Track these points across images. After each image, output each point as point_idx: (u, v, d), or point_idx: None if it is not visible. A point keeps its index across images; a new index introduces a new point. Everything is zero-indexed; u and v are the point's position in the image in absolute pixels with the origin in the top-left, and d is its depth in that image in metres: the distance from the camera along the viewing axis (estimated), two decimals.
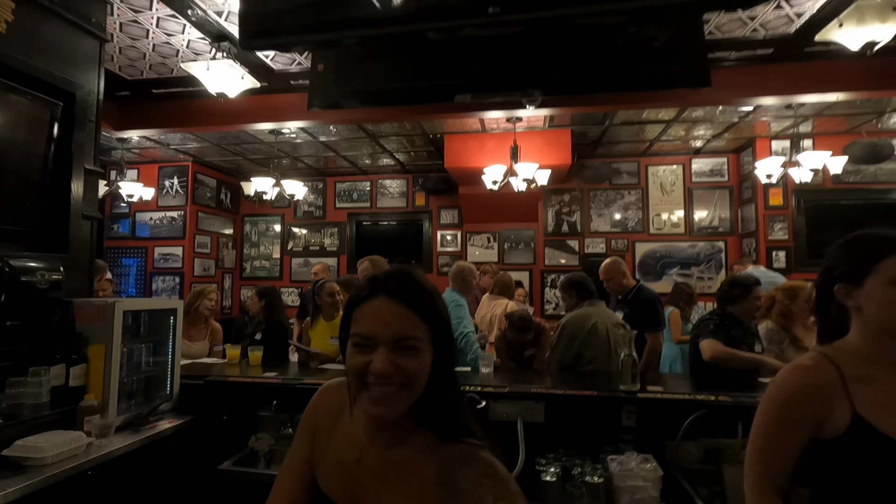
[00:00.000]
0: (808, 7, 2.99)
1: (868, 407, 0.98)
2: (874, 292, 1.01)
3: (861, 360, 1.03)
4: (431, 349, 0.80)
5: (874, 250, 1.04)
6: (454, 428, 0.82)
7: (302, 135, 5.55)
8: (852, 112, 4.88)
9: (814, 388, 1.03)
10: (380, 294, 0.81)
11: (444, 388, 0.83)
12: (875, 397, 0.98)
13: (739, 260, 5.61)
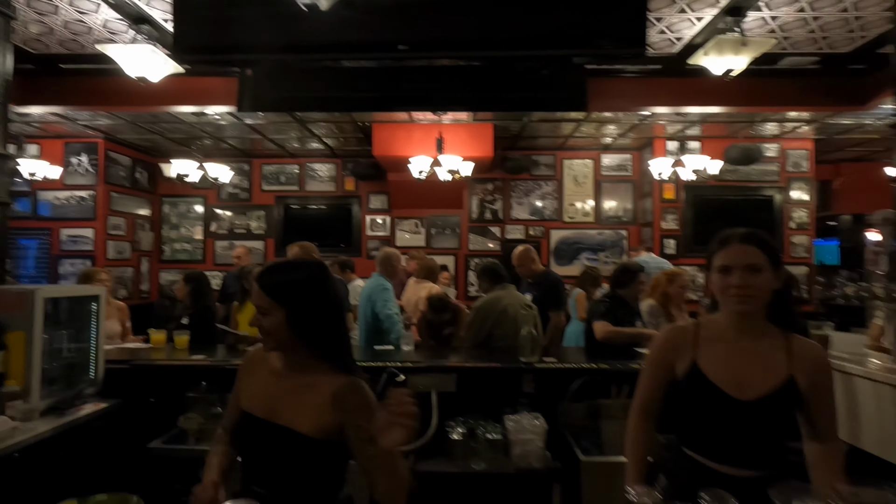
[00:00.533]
0: (685, 34, 3.49)
1: (706, 360, 1.33)
2: (712, 278, 1.34)
3: (717, 327, 1.38)
4: (282, 313, 1.21)
5: (713, 246, 1.36)
6: (342, 365, 1.26)
7: (227, 117, 5.46)
8: (730, 120, 5.63)
9: (673, 341, 1.42)
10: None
11: (324, 337, 1.26)
12: (714, 353, 1.33)
13: (635, 247, 6.31)
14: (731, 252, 1.29)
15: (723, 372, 1.31)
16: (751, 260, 1.27)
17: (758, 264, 1.26)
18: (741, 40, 2.95)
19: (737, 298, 1.27)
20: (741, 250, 1.29)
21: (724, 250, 1.31)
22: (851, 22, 3.44)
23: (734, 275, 1.27)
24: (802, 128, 5.89)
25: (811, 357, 1.31)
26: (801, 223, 6.47)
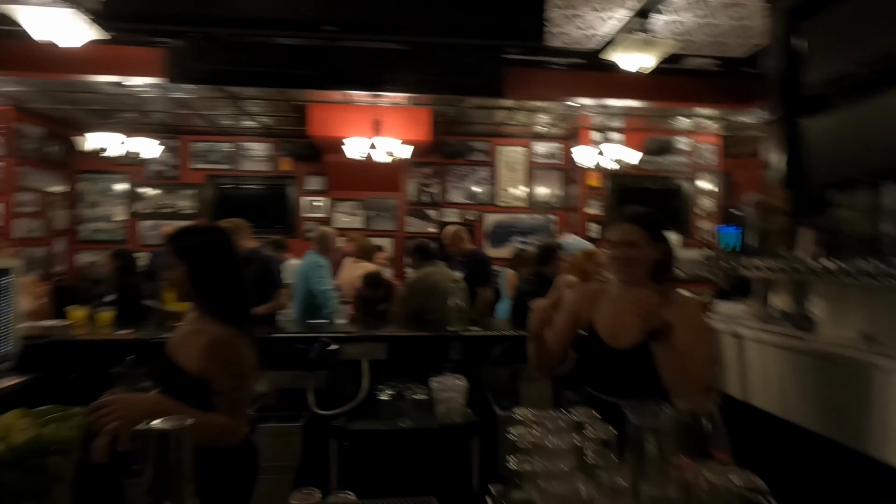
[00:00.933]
0: (599, 31, 3.80)
1: (598, 316, 1.62)
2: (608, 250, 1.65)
3: (612, 289, 1.66)
4: (185, 269, 1.46)
5: (606, 223, 1.74)
6: (230, 319, 1.47)
7: (151, 90, 5.21)
8: (649, 114, 6.12)
9: (580, 296, 1.72)
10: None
11: (217, 293, 1.49)
12: (605, 310, 1.61)
13: (561, 230, 6.73)
14: (617, 230, 1.58)
15: (607, 325, 1.59)
16: (631, 237, 1.54)
17: (638, 241, 1.53)
18: (648, 40, 3.28)
19: (618, 268, 1.56)
20: (624, 229, 1.57)
21: (612, 228, 1.61)
22: (745, 30, 3.89)
23: (618, 249, 1.55)
24: (710, 125, 6.50)
25: (681, 304, 1.59)
26: (707, 210, 7.16)
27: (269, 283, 3.49)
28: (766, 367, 2.37)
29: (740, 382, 2.53)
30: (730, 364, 2.63)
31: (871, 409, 1.78)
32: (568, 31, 3.78)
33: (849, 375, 1.89)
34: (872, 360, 1.79)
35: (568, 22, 3.52)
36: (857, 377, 1.85)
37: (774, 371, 2.31)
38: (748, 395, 2.48)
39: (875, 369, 1.77)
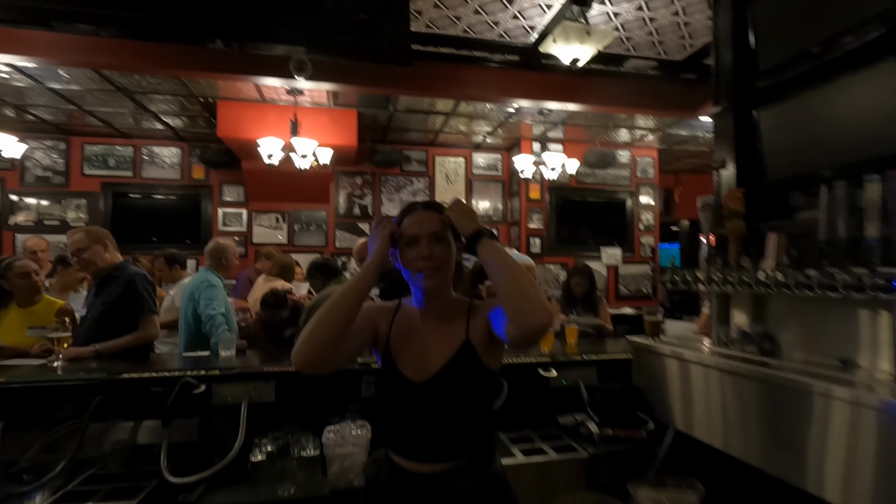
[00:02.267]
0: (538, 22, 3.46)
1: (395, 344, 1.27)
2: (403, 254, 1.25)
3: (410, 308, 1.32)
4: None
5: (399, 219, 1.29)
6: None
7: (19, 76, 4.39)
8: (589, 124, 5.90)
9: (372, 322, 1.30)
10: None
11: None
12: (403, 336, 1.28)
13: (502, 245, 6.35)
14: (417, 219, 1.24)
15: (408, 354, 1.25)
16: (435, 228, 1.23)
17: (442, 233, 1.23)
18: (586, 29, 2.95)
19: (425, 271, 1.21)
20: (426, 217, 1.24)
21: (409, 217, 1.26)
22: (682, 28, 3.67)
23: (421, 244, 1.21)
24: (648, 137, 6.38)
25: (485, 308, 1.27)
26: (648, 225, 7.03)
27: (133, 308, 2.79)
28: (719, 398, 1.97)
29: (684, 413, 2.13)
30: (675, 392, 2.22)
31: (842, 451, 1.40)
32: (503, 20, 3.39)
33: (819, 409, 1.50)
34: (847, 393, 1.41)
35: (503, 9, 3.13)
36: (828, 411, 1.47)
37: (730, 402, 1.92)
38: (692, 427, 2.08)
39: (853, 404, 1.38)
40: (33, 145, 6.13)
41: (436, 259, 1.19)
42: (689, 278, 2.26)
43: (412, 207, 1.26)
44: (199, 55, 3.82)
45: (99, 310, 2.84)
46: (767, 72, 2.17)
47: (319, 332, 1.14)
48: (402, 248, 1.22)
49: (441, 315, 1.27)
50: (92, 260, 2.86)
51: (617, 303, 6.57)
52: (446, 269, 1.23)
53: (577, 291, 3.81)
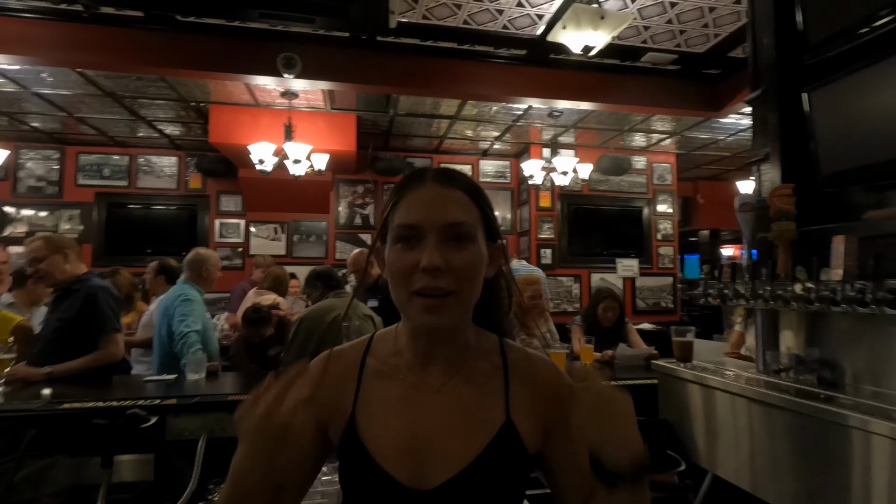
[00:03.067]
0: (546, 10, 3.16)
1: (366, 416, 0.73)
2: (387, 255, 0.72)
3: (390, 350, 0.78)
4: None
5: (392, 195, 0.75)
6: None
7: (2, 80, 4.19)
8: (602, 127, 5.56)
9: (322, 380, 0.74)
10: None
11: None
12: (381, 404, 0.73)
13: (509, 255, 6.00)
14: (423, 197, 0.70)
15: (392, 440, 0.71)
16: (455, 216, 0.69)
17: (467, 227, 0.69)
18: (599, 12, 2.63)
19: (428, 296, 0.67)
20: (440, 196, 0.70)
21: (410, 193, 0.71)
22: (707, 14, 3.33)
23: (426, 244, 0.67)
24: (665, 141, 6.02)
25: (543, 378, 0.76)
26: (667, 235, 6.63)
27: (92, 325, 2.50)
28: (768, 439, 1.59)
29: (722, 455, 1.75)
30: (714, 429, 1.85)
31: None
32: (506, 6, 3.09)
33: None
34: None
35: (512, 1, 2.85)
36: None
37: (782, 440, 1.54)
38: (733, 473, 1.70)
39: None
40: (27, 155, 5.97)
41: (452, 274, 0.66)
42: (728, 292, 1.89)
43: (418, 176, 0.73)
44: (184, 51, 3.58)
45: (53, 326, 2.56)
46: (819, 45, 1.82)
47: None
48: (390, 245, 0.70)
49: (453, 369, 0.74)
50: (49, 271, 2.58)
51: (634, 317, 6.15)
52: (468, 292, 0.69)
53: (607, 319, 3.26)
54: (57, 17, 3.38)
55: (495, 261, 0.74)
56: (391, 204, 0.72)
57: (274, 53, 3.55)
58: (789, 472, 1.51)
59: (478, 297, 0.71)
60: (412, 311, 0.68)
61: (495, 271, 0.75)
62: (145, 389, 2.31)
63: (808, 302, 1.55)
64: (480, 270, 0.70)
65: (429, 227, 0.67)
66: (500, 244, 0.75)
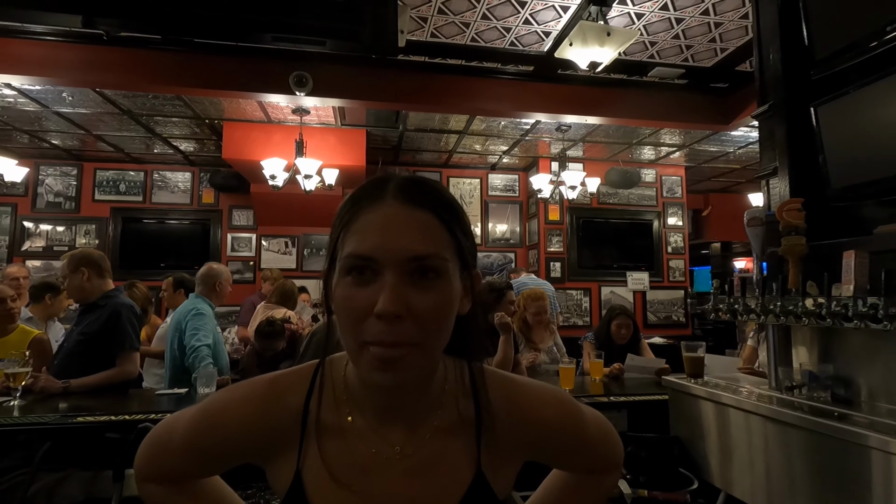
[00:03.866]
0: (552, 27, 3.20)
1: (314, 469, 0.61)
2: (334, 290, 0.58)
3: (340, 395, 0.64)
4: None
5: (343, 212, 0.60)
6: None
7: (24, 100, 4.32)
8: (610, 141, 5.58)
9: (258, 428, 0.64)
10: None
11: None
12: (332, 456, 0.62)
13: (516, 269, 5.99)
14: (382, 218, 0.56)
15: (344, 499, 0.61)
16: (422, 246, 0.55)
17: (436, 258, 0.55)
18: (605, 29, 2.66)
19: (383, 351, 0.53)
20: (403, 218, 0.56)
21: (366, 210, 0.57)
22: (713, 29, 3.35)
23: (383, 281, 0.54)
24: (674, 154, 6.02)
25: (525, 421, 0.66)
26: (677, 248, 6.58)
27: (113, 342, 2.54)
28: (784, 459, 1.57)
29: (736, 473, 1.72)
30: (727, 447, 1.82)
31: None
32: (517, 29, 3.14)
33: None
34: None
35: (514, 13, 2.89)
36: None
37: (796, 459, 1.52)
38: (747, 493, 1.67)
39: None
40: (47, 171, 6.13)
41: (414, 321, 0.53)
42: (738, 307, 1.88)
43: (377, 189, 0.58)
44: (199, 71, 3.68)
45: (75, 340, 2.61)
46: (827, 60, 1.83)
47: None
48: (339, 276, 0.56)
49: (416, 424, 0.63)
50: (70, 288, 2.66)
51: (646, 331, 6.08)
52: (434, 342, 0.56)
53: (620, 337, 3.17)
54: (79, 40, 3.49)
55: (470, 293, 0.61)
56: (344, 221, 0.57)
57: (286, 72, 3.63)
58: (806, 492, 1.49)
59: (447, 341, 0.58)
60: (362, 364, 0.55)
61: (470, 304, 0.61)
62: (157, 403, 2.33)
63: (820, 317, 1.53)
64: (451, 312, 0.57)
65: (386, 259, 0.53)
66: (476, 272, 0.62)
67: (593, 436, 0.72)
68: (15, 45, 3.45)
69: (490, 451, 0.64)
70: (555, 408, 0.68)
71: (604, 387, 2.69)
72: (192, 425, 0.65)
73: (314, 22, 1.47)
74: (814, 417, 1.47)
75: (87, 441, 1.99)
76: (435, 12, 3.13)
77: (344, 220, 0.58)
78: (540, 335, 3.04)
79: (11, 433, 1.99)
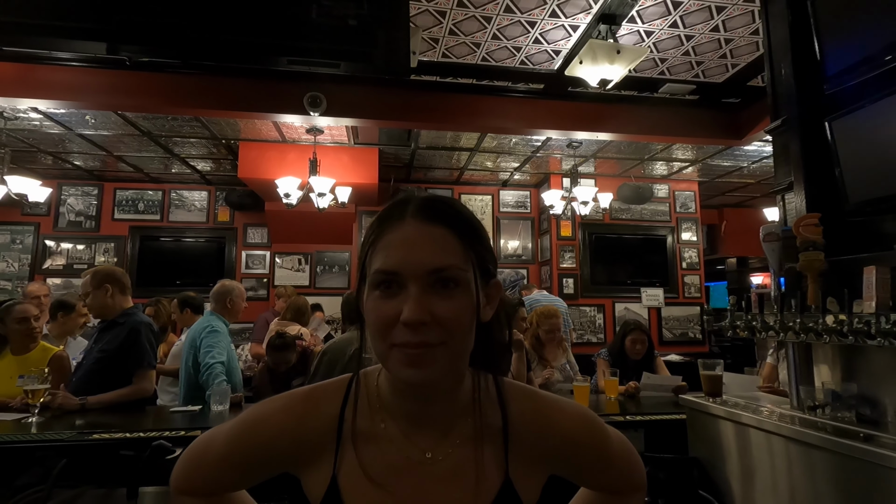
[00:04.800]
0: (562, 46, 3.24)
1: (350, 477, 0.65)
2: (365, 303, 0.63)
3: (373, 404, 0.68)
4: None
5: (370, 232, 0.66)
6: None
7: (49, 123, 4.47)
8: (622, 157, 5.57)
9: (289, 436, 0.69)
10: None
11: None
12: (367, 464, 0.65)
13: (528, 286, 5.96)
14: (404, 236, 0.61)
15: (379, 501, 0.65)
16: (441, 259, 0.60)
17: (456, 270, 0.60)
18: (615, 47, 2.69)
19: (409, 353, 0.58)
20: (423, 234, 0.61)
21: (390, 230, 0.62)
22: (723, 45, 3.36)
23: (407, 292, 0.59)
24: (687, 169, 5.99)
25: (549, 433, 0.69)
26: (692, 263, 6.50)
27: (130, 359, 2.57)
28: (809, 482, 1.52)
29: (743, 489, 1.67)
30: (749, 469, 1.77)
31: None
32: (527, 48, 3.19)
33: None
34: None
35: (524, 33, 2.93)
36: None
37: (821, 482, 1.47)
38: None
39: None
40: (69, 191, 6.29)
41: (438, 326, 0.58)
42: (756, 324, 1.85)
43: (399, 210, 0.64)
44: (217, 93, 3.78)
45: (95, 357, 2.65)
46: (840, 74, 1.82)
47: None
48: (368, 291, 0.62)
49: (446, 430, 0.67)
50: (92, 305, 2.72)
51: (661, 348, 5.99)
52: (459, 343, 0.61)
53: (635, 353, 3.12)
54: (103, 66, 3.62)
55: (492, 301, 0.66)
56: (370, 242, 0.63)
57: (300, 93, 3.71)
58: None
59: (471, 346, 0.63)
60: (392, 363, 0.60)
61: (493, 312, 0.66)
62: (171, 420, 2.34)
63: (842, 335, 1.50)
64: (472, 318, 0.61)
65: (409, 273, 0.59)
66: (496, 281, 0.67)
67: (617, 455, 0.73)
68: (43, 71, 3.58)
69: (517, 460, 0.67)
70: (579, 422, 0.71)
71: (619, 405, 2.64)
72: (232, 435, 0.69)
73: (328, 45, 1.51)
74: (839, 439, 1.43)
75: (103, 458, 2.00)
76: (446, 33, 3.19)
77: (370, 240, 0.64)
78: (552, 353, 3.00)
79: (29, 450, 2.02)
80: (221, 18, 1.44)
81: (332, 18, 1.49)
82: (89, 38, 1.51)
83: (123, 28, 1.40)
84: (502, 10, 2.94)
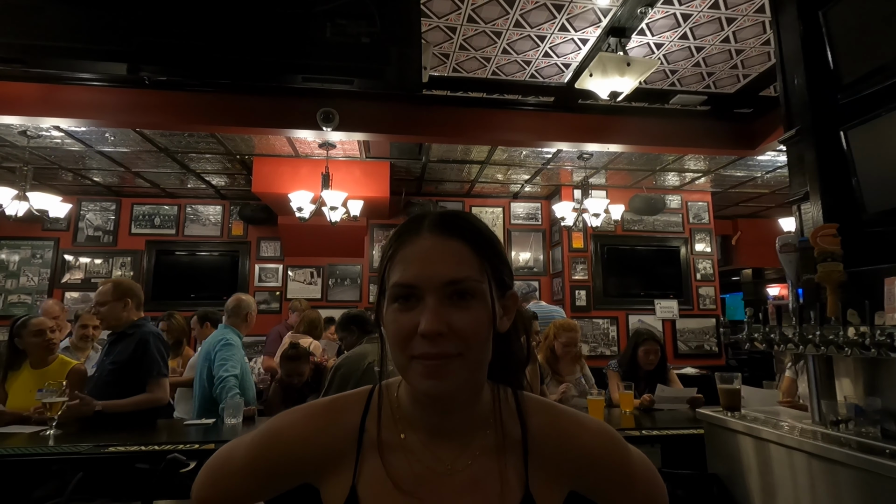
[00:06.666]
0: (572, 59, 3.26)
1: (370, 488, 0.66)
2: (385, 315, 0.65)
3: (394, 415, 0.69)
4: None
5: (388, 246, 0.69)
6: None
7: (70, 140, 4.59)
8: (633, 168, 5.56)
9: (311, 445, 0.71)
10: None
11: None
12: (389, 476, 0.66)
13: (524, 296, 5.92)
14: (421, 249, 0.63)
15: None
16: (457, 272, 0.62)
17: (472, 282, 0.62)
18: (625, 59, 2.70)
19: (427, 364, 0.60)
20: (439, 248, 0.63)
21: (407, 244, 0.64)
22: (734, 56, 3.36)
23: (425, 304, 0.61)
24: (700, 179, 5.94)
25: (569, 448, 0.69)
26: (706, 275, 6.42)
27: (141, 369, 2.60)
28: (826, 494, 1.47)
29: None
30: (771, 486, 1.72)
31: None
32: (537, 61, 3.22)
33: None
34: None
35: (533, 47, 2.95)
36: None
37: (846, 499, 1.42)
38: None
39: None
40: (88, 207, 6.43)
41: (455, 336, 0.60)
42: (774, 336, 1.81)
43: (415, 225, 0.66)
44: (232, 110, 3.86)
45: (107, 369, 2.69)
46: (855, 83, 1.81)
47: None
48: (387, 304, 0.64)
49: (466, 442, 0.67)
50: (106, 316, 2.75)
51: (676, 361, 5.90)
52: (476, 354, 0.62)
53: (648, 363, 3.05)
54: (122, 85, 3.72)
55: (509, 312, 0.67)
56: (388, 256, 0.66)
57: (313, 109, 3.77)
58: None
59: (489, 357, 0.64)
60: (412, 375, 0.61)
61: (510, 323, 0.67)
62: (186, 433, 2.36)
63: (864, 348, 1.46)
64: (488, 329, 0.62)
65: (426, 285, 0.60)
66: (512, 293, 0.68)
67: (638, 473, 0.72)
68: (65, 91, 3.69)
69: (537, 473, 0.67)
70: (599, 437, 0.70)
71: (635, 420, 2.60)
72: (253, 445, 0.71)
73: (342, 62, 1.53)
74: (864, 455, 1.39)
75: (118, 471, 2.02)
76: (457, 48, 3.23)
77: (388, 255, 0.66)
78: (567, 367, 2.97)
79: (46, 462, 2.04)
80: (240, 39, 1.48)
81: (346, 37, 1.52)
82: (111, 60, 1.55)
83: (144, 49, 1.44)
84: (512, 25, 2.98)
